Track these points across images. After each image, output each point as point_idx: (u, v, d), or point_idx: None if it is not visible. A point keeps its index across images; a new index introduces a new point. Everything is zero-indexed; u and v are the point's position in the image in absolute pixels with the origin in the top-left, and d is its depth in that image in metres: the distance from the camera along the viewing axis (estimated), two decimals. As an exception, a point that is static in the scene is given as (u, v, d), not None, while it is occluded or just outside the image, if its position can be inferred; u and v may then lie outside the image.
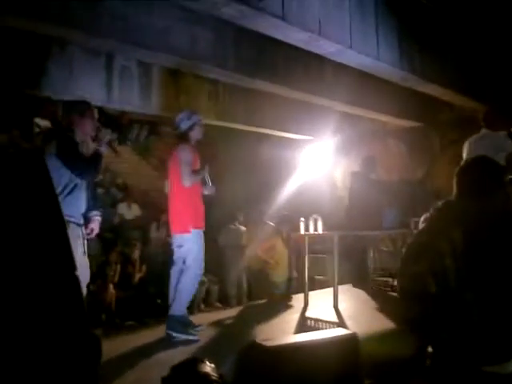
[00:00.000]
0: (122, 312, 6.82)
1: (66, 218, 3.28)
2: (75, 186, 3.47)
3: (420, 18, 5.77)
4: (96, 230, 3.75)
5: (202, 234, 4.29)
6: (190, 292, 4.25)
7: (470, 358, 2.16)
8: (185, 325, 4.14)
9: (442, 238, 2.21)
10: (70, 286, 1.22)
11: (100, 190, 7.66)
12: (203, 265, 4.30)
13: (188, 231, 4.16)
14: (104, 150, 3.64)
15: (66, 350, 1.17)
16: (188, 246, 4.18)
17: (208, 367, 2.23)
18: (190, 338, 4.02)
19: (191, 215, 4.19)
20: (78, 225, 3.51)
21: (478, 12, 6.18)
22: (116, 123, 10.29)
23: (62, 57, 5.34)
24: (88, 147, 3.57)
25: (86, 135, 3.60)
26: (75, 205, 3.48)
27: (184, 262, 4.18)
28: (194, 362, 2.26)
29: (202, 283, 6.40)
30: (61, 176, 3.38)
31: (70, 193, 3.43)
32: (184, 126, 4.31)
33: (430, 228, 2.35)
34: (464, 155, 5.49)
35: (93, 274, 7.18)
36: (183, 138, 4.33)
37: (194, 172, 4.20)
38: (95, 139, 3.64)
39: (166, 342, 3.99)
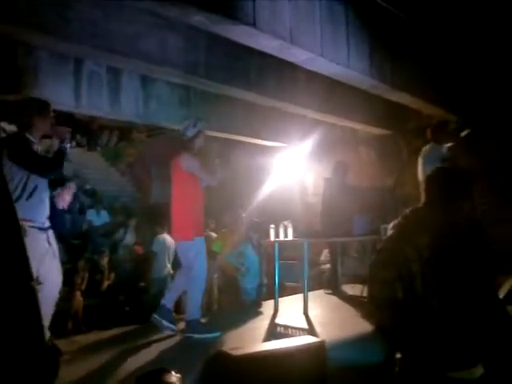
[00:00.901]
0: (90, 320, 6.69)
1: (28, 223, 3.21)
2: (35, 187, 3.35)
3: (390, 28, 5.86)
4: (68, 199, 3.65)
5: (204, 240, 4.52)
6: (200, 295, 4.47)
7: (436, 364, 2.18)
8: (203, 325, 4.45)
9: (408, 245, 2.24)
10: (24, 297, 1.18)
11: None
12: (206, 270, 4.51)
13: (190, 238, 4.33)
14: (67, 146, 3.55)
15: (21, 363, 1.12)
16: (194, 252, 4.35)
17: (174, 377, 2.19)
18: (213, 335, 4.30)
19: (193, 222, 4.35)
20: (42, 229, 3.39)
21: (448, 23, 6.31)
22: (85, 129, 10.18)
23: (30, 61, 5.24)
24: (50, 144, 3.50)
25: (44, 133, 3.51)
26: (37, 208, 3.37)
27: (191, 269, 4.34)
28: (159, 373, 2.21)
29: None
30: (20, 179, 3.28)
31: (30, 195, 3.31)
32: (190, 133, 4.44)
33: (398, 235, 2.37)
34: (419, 167, 5.68)
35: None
36: (187, 145, 4.45)
37: (209, 171, 4.46)
38: (54, 137, 3.56)
39: (131, 352, 3.93)
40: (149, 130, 10.98)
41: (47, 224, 3.46)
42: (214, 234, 8.21)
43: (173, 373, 2.23)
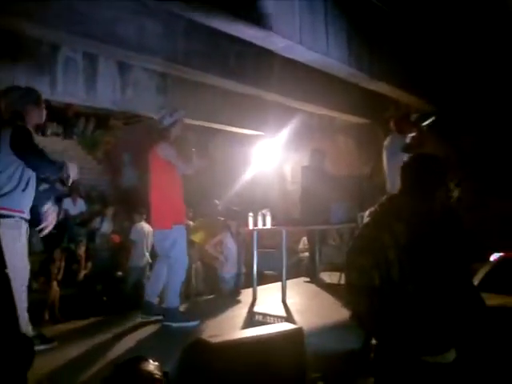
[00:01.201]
0: (66, 310, 6.64)
1: (21, 214, 3.25)
2: (29, 179, 3.31)
3: (369, 17, 5.87)
4: (51, 226, 3.59)
5: (184, 228, 4.51)
6: (179, 283, 4.46)
7: (411, 348, 2.21)
8: (182, 314, 4.44)
9: (385, 232, 2.25)
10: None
11: (43, 185, 7.40)
12: (187, 259, 4.50)
13: (168, 226, 4.32)
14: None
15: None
16: (170, 241, 4.32)
17: (151, 365, 2.17)
18: (191, 323, 4.28)
19: (171, 211, 4.34)
20: (27, 220, 3.36)
21: (426, 13, 6.35)
22: (61, 117, 10.01)
23: (4, 46, 5.12)
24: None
25: (37, 123, 3.49)
26: (28, 200, 3.34)
27: (169, 257, 4.33)
28: (136, 361, 2.20)
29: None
30: (16, 168, 3.23)
31: (26, 187, 3.28)
32: (166, 122, 4.43)
33: (374, 222, 2.39)
34: (383, 158, 5.75)
35: (36, 271, 7.00)
36: (163, 133, 4.44)
37: (186, 160, 4.41)
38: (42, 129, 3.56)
39: (109, 341, 3.91)
40: (126, 118, 10.85)
41: (29, 216, 3.42)
42: (191, 223, 8.19)
43: (150, 361, 2.22)
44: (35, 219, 3.45)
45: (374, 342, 2.41)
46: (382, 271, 2.22)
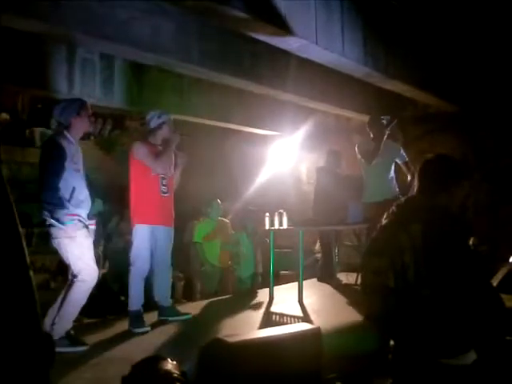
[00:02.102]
0: (84, 308, 6.67)
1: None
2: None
3: (385, 17, 5.83)
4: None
5: (152, 229, 4.36)
6: (138, 288, 4.33)
7: (429, 351, 2.19)
8: (140, 319, 4.26)
9: (402, 233, 2.24)
10: (21, 286, 1.18)
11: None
12: (168, 260, 4.48)
13: (133, 225, 4.36)
14: None
15: (16, 351, 1.12)
16: (135, 240, 4.35)
17: (170, 365, 2.19)
18: (143, 329, 4.16)
19: (139, 210, 4.35)
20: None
21: (442, 11, 6.28)
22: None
23: (22, 48, 5.17)
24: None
25: (84, 132, 3.83)
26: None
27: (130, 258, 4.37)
28: (155, 360, 2.22)
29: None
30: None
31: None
32: (153, 124, 4.50)
33: (391, 223, 2.37)
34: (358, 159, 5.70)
35: (54, 270, 7.05)
36: (147, 134, 4.53)
37: (156, 159, 4.34)
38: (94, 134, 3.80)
39: (127, 340, 3.94)
40: (142, 118, 10.89)
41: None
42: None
43: (169, 360, 2.24)
44: None
45: (392, 343, 2.40)
46: (397, 273, 2.21)
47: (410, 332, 2.21)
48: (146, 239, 4.33)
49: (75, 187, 3.62)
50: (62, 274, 6.80)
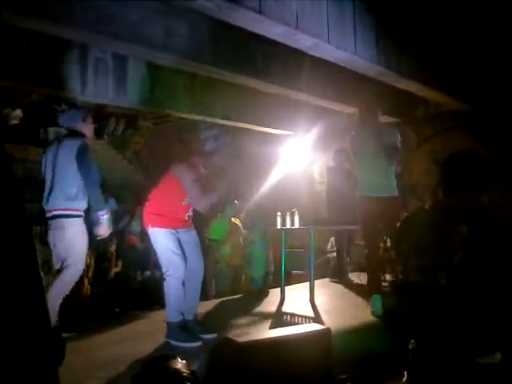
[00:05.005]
0: (97, 307, 6.74)
1: (81, 213, 3.64)
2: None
3: (397, 14, 5.79)
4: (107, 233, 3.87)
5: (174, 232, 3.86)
6: (177, 296, 3.82)
7: (464, 350, 2.21)
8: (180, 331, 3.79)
9: (454, 235, 2.24)
10: (31, 284, 1.19)
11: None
12: (200, 267, 3.98)
13: (150, 229, 3.89)
14: None
15: (26, 349, 1.13)
16: (157, 246, 3.88)
17: (179, 363, 2.20)
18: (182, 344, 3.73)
19: (160, 219, 3.85)
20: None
21: (454, 10, 6.23)
22: (95, 116, 10.17)
23: (35, 47, 5.22)
24: None
25: (89, 137, 3.84)
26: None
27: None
28: (165, 359, 2.23)
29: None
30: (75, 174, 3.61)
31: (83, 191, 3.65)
32: (208, 147, 3.98)
33: (434, 223, 2.36)
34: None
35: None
36: (200, 157, 3.94)
37: (203, 192, 3.78)
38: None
39: (138, 338, 3.96)
40: (155, 118, 10.97)
41: None
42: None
43: (178, 359, 2.24)
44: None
45: (412, 344, 2.40)
46: (449, 272, 2.22)
47: (453, 329, 2.22)
48: (171, 241, 3.80)
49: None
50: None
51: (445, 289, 2.23)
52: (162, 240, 3.81)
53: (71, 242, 3.56)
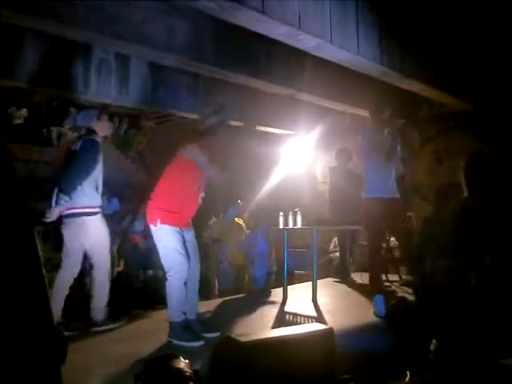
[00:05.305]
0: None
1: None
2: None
3: (400, 14, 5.78)
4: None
5: (180, 231, 3.85)
6: (179, 295, 3.85)
7: (489, 350, 2.21)
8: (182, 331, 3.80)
9: (480, 236, 2.25)
10: (34, 283, 1.20)
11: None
12: (198, 265, 4.04)
13: (155, 225, 3.82)
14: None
15: (29, 348, 1.13)
16: (161, 244, 3.84)
17: (182, 363, 2.21)
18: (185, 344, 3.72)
19: (172, 212, 3.81)
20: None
21: (458, 10, 6.22)
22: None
23: (38, 47, 5.23)
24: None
25: (104, 134, 4.27)
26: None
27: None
28: (168, 358, 2.23)
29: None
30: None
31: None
32: (209, 122, 3.98)
33: (459, 223, 2.36)
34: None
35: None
36: (200, 136, 3.97)
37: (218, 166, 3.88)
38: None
39: (141, 338, 3.96)
40: (158, 118, 10.98)
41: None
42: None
43: (181, 358, 2.25)
44: None
45: (433, 345, 2.40)
46: (480, 272, 2.22)
47: (479, 329, 2.22)
48: (177, 240, 3.77)
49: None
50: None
51: (475, 289, 2.22)
52: (168, 239, 3.76)
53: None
